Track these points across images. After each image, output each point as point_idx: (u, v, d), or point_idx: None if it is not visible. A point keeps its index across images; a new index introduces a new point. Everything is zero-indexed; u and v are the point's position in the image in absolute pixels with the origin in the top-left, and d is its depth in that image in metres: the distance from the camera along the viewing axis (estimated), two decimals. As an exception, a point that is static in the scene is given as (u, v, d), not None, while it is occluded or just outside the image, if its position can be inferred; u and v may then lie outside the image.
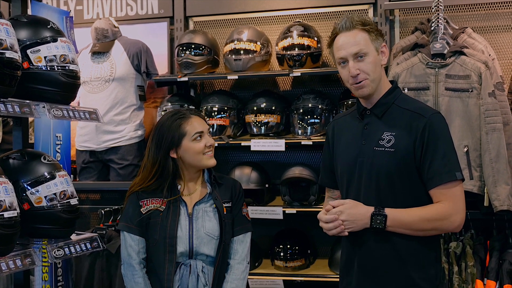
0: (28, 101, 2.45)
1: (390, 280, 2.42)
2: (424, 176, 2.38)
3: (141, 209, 2.79)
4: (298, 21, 4.28)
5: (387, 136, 2.41)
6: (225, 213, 2.81)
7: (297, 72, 4.13)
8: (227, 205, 2.84)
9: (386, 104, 2.47)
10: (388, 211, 2.34)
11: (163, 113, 4.35)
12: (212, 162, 2.83)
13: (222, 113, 4.29)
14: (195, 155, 2.79)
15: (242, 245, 2.86)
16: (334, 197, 2.69)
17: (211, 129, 2.93)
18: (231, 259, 2.84)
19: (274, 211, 4.10)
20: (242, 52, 4.24)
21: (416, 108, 2.45)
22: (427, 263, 2.42)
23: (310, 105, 4.16)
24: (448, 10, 4.13)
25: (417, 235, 2.38)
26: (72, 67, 2.63)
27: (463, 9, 4.19)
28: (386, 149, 2.40)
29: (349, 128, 2.58)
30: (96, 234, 2.94)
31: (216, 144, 3.24)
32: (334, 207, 2.39)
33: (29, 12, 3.18)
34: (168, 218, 2.76)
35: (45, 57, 2.55)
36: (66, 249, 2.66)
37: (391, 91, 2.49)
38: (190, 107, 4.28)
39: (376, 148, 2.42)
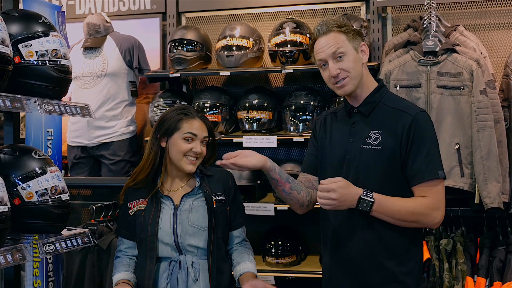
0: (19, 96, 2.43)
1: (372, 275, 2.46)
2: (407, 174, 2.44)
3: (129, 211, 2.83)
4: (291, 18, 4.27)
5: (374, 134, 2.47)
6: (215, 206, 2.79)
7: (289, 69, 4.13)
8: (218, 198, 2.82)
9: (373, 103, 2.53)
10: (376, 196, 2.37)
11: (155, 108, 4.35)
12: (190, 168, 2.78)
13: (214, 109, 4.28)
14: (177, 153, 2.77)
15: (241, 231, 2.93)
16: (302, 180, 2.68)
17: (208, 140, 2.88)
18: (234, 244, 2.90)
19: (266, 208, 4.10)
20: (234, 48, 4.23)
21: (402, 107, 2.50)
22: (410, 258, 2.48)
23: (302, 101, 4.16)
24: (440, 7, 4.14)
25: (398, 224, 2.42)
26: (63, 62, 2.61)
27: (455, 7, 4.21)
28: (373, 147, 2.46)
29: (336, 126, 2.62)
30: (87, 229, 2.93)
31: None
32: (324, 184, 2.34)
33: (21, 6, 3.16)
34: (149, 216, 2.76)
35: (36, 52, 2.53)
36: (57, 245, 2.65)
37: (377, 90, 2.55)
38: (182, 103, 4.28)
39: (363, 146, 2.48)
